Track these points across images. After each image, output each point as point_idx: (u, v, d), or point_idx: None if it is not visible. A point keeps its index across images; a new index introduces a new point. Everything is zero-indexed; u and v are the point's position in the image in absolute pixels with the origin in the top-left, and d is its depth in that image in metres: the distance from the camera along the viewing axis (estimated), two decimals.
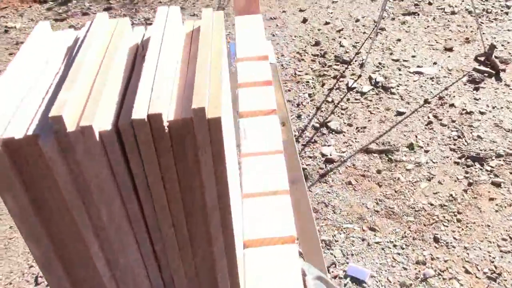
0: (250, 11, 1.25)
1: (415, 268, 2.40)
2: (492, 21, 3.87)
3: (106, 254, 0.50)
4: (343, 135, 3.08)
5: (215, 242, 0.51)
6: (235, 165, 0.63)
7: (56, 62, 0.53)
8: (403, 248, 2.51)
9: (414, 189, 2.76)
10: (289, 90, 3.44)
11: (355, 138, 3.06)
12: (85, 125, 0.42)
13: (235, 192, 0.56)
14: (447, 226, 2.59)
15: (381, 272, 2.40)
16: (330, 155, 2.95)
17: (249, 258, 0.59)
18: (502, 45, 3.64)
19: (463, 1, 4.11)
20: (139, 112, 0.42)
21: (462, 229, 2.56)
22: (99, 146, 0.43)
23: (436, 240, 2.52)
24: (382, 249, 2.49)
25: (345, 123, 3.15)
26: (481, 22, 3.84)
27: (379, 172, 2.85)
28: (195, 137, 0.43)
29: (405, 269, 2.40)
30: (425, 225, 2.60)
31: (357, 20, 4.03)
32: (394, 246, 2.51)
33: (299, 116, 3.24)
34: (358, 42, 3.80)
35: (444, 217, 2.63)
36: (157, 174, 0.45)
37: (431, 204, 2.69)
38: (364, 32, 3.89)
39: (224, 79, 0.52)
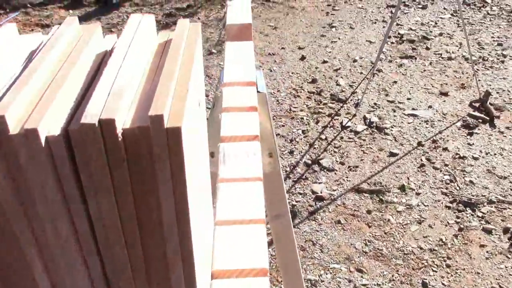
0: (242, 38, 1.23)
1: None
2: (488, 69, 3.90)
3: (51, 276, 0.46)
4: (335, 173, 3.04)
5: (173, 269, 0.46)
6: (207, 189, 0.58)
7: (16, 65, 0.50)
8: None
9: (404, 231, 2.71)
10: (283, 126, 3.42)
11: (347, 177, 3.02)
12: (30, 128, 0.38)
13: (205, 217, 0.52)
14: (436, 271, 2.52)
15: None
16: (321, 192, 2.91)
17: None
18: (497, 93, 3.65)
19: (460, 48, 4.15)
20: (90, 116, 0.38)
21: (451, 275, 2.50)
22: (45, 152, 0.39)
23: (424, 285, 2.45)
24: None
25: (337, 161, 3.12)
26: (477, 69, 3.87)
27: (369, 212, 2.81)
28: (151, 148, 0.39)
29: None
30: (413, 269, 2.54)
31: (355, 61, 4.05)
32: None
33: (291, 152, 3.21)
34: (355, 82, 3.80)
35: (433, 261, 2.57)
36: (108, 187, 0.41)
37: (421, 248, 2.64)
38: (361, 73, 3.90)
39: (196, 92, 0.49)
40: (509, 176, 2.98)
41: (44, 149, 0.39)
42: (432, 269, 2.52)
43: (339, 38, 4.38)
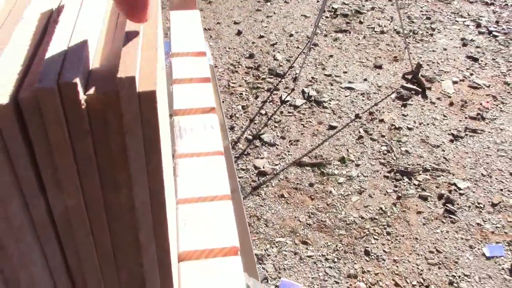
0: (186, 7, 1.16)
1: (347, 282, 2.38)
2: (418, 42, 4.00)
3: (3, 270, 0.39)
4: (276, 148, 3.04)
5: (146, 254, 0.41)
6: (169, 164, 0.53)
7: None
8: (334, 262, 2.48)
9: (346, 202, 2.76)
10: (222, 102, 3.37)
11: (288, 151, 3.02)
12: None
13: (169, 196, 0.47)
14: (377, 239, 2.59)
15: (313, 286, 2.35)
16: (263, 167, 2.90)
17: (185, 273, 0.50)
18: (428, 65, 3.75)
19: (391, 22, 4.22)
20: (47, 80, 0.32)
21: (392, 242, 2.58)
22: None
23: (366, 253, 2.51)
24: (314, 263, 2.45)
25: (278, 136, 3.11)
26: (408, 42, 3.96)
27: (311, 185, 2.83)
28: (121, 116, 0.34)
29: (337, 283, 2.37)
30: (356, 239, 2.59)
31: (291, 35, 4.04)
32: (326, 259, 2.48)
33: (232, 128, 3.17)
34: (292, 57, 3.80)
35: (374, 230, 2.63)
36: (70, 164, 0.35)
37: (362, 218, 2.70)
38: (298, 47, 3.90)
39: (160, 56, 0.43)
40: (441, 144, 3.09)
41: None
42: (373, 237, 2.58)
43: (274, 13, 4.34)
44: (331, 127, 3.22)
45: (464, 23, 4.21)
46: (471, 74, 3.61)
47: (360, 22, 4.27)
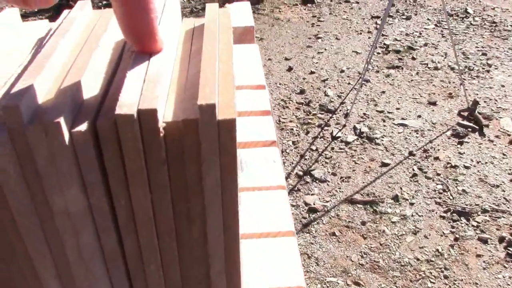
0: (245, 41, 1.17)
1: None
2: (474, 78, 3.90)
3: None
4: (327, 184, 2.99)
5: None
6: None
7: (21, 53, 0.42)
8: None
9: (400, 242, 2.66)
10: None
11: (339, 188, 2.97)
12: (51, 121, 0.31)
13: None
14: (434, 283, 2.47)
15: None
16: (314, 204, 2.85)
17: None
18: (485, 101, 3.65)
19: (445, 58, 4.16)
20: (127, 106, 0.31)
21: (450, 286, 2.45)
22: (69, 152, 0.32)
23: None
24: None
25: (329, 172, 3.07)
26: (464, 79, 3.87)
27: (363, 223, 2.75)
28: (199, 145, 0.33)
29: None
30: (411, 281, 2.49)
31: (342, 71, 4.03)
32: None
33: (282, 163, 3.15)
34: (343, 92, 3.78)
35: (430, 273, 2.52)
36: (145, 194, 0.34)
37: (417, 259, 2.59)
38: (349, 83, 3.88)
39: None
40: (501, 184, 2.96)
41: (68, 148, 0.32)
42: (430, 280, 2.47)
43: (325, 49, 4.36)
44: (384, 164, 3.15)
45: None
46: None
47: (413, 58, 4.22)
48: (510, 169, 3.03)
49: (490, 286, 2.42)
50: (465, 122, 3.44)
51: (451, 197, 2.90)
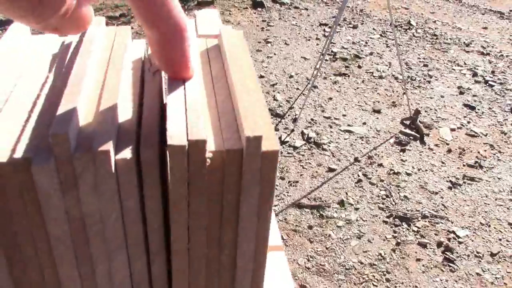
0: None
1: None
2: (416, 88, 4.07)
3: None
4: (275, 189, 3.03)
5: None
6: None
7: (40, 70, 0.41)
8: None
9: (345, 246, 2.74)
10: None
11: (287, 192, 3.01)
12: (100, 149, 0.30)
13: None
14: (376, 286, 2.56)
15: None
16: None
17: None
18: (425, 111, 3.81)
19: (389, 67, 4.30)
20: (177, 137, 0.31)
21: None
22: (113, 180, 0.32)
23: None
24: None
25: (277, 176, 3.11)
26: (406, 88, 4.02)
27: (310, 227, 2.81)
28: (239, 174, 0.33)
29: None
30: (355, 284, 2.56)
31: (291, 76, 4.09)
32: None
33: None
34: (292, 98, 3.83)
35: (374, 276, 2.61)
36: (184, 222, 0.34)
37: (361, 263, 2.67)
38: (297, 88, 3.94)
39: None
40: (439, 191, 3.10)
41: (113, 176, 0.32)
42: (372, 283, 2.56)
43: (274, 54, 4.41)
44: (330, 170, 3.23)
45: (460, 71, 4.30)
46: (468, 122, 3.67)
47: (359, 67, 4.34)
48: (448, 177, 3.18)
49: None
50: (407, 131, 3.58)
51: (393, 203, 3.01)
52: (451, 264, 2.65)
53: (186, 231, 0.35)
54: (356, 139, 3.49)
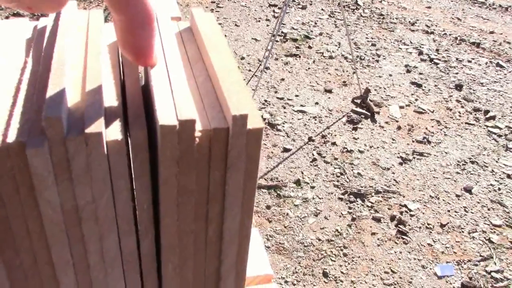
0: None
1: None
2: (365, 67, 4.16)
3: None
4: None
5: (223, 284, 0.42)
6: None
7: (17, 55, 0.41)
8: (294, 284, 2.50)
9: (303, 224, 2.80)
10: None
11: None
12: (93, 132, 0.31)
13: None
14: (334, 261, 2.64)
15: None
16: None
17: None
18: (375, 90, 3.91)
19: (339, 47, 4.37)
20: (168, 117, 0.32)
21: (349, 264, 2.64)
22: (105, 160, 0.33)
23: (325, 275, 2.55)
24: None
25: None
26: (356, 68, 4.10)
27: (268, 207, 2.86)
28: (226, 152, 0.35)
29: None
30: (314, 260, 2.63)
31: (242, 58, 4.10)
32: (286, 282, 2.50)
33: None
34: (244, 79, 3.84)
35: (331, 251, 2.68)
36: (174, 199, 0.36)
37: (319, 239, 2.74)
38: (250, 70, 3.96)
39: None
40: (391, 167, 3.21)
41: (105, 157, 0.33)
42: (331, 259, 2.63)
43: (225, 35, 4.39)
44: (286, 150, 3.27)
45: (407, 50, 4.42)
46: (416, 100, 3.79)
47: (309, 47, 4.39)
48: (398, 153, 3.29)
49: (384, 261, 2.64)
50: (359, 109, 3.66)
51: (347, 180, 3.09)
52: (404, 237, 2.76)
53: (176, 208, 0.36)
54: (309, 119, 3.54)
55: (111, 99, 0.37)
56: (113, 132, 0.33)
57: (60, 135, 0.31)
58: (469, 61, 4.35)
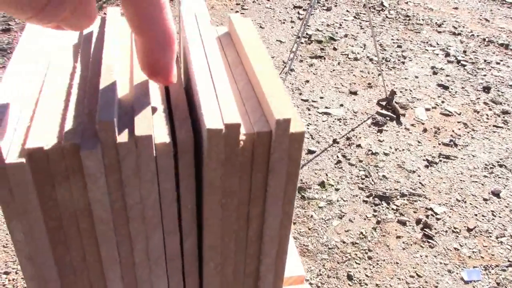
0: None
1: None
2: (391, 69, 4.13)
3: None
4: None
5: (262, 283, 0.43)
6: None
7: (66, 61, 0.43)
8: (318, 286, 2.50)
9: (327, 226, 2.80)
10: None
11: None
12: (142, 135, 0.32)
13: None
14: (359, 264, 2.63)
15: None
16: None
17: None
18: (401, 92, 3.88)
19: (364, 49, 4.35)
20: (214, 121, 0.34)
21: (373, 267, 2.62)
22: (153, 162, 0.34)
23: (349, 278, 2.54)
24: None
25: None
26: (381, 69, 4.08)
27: None
28: (268, 154, 0.36)
29: None
30: (338, 263, 2.63)
31: None
32: (310, 284, 2.50)
33: None
34: None
35: (356, 254, 2.67)
36: (218, 200, 0.37)
37: (344, 242, 2.74)
38: None
39: None
40: (417, 170, 3.18)
41: (153, 159, 0.34)
42: (355, 261, 2.62)
43: None
44: (310, 152, 3.27)
45: (433, 52, 4.37)
46: (443, 102, 3.75)
47: (334, 49, 4.38)
48: (424, 156, 3.26)
49: (409, 265, 2.62)
50: (384, 111, 3.64)
51: (372, 183, 3.08)
52: (430, 240, 2.74)
53: (219, 208, 0.38)
54: (334, 121, 3.53)
55: (157, 103, 0.38)
56: (161, 135, 0.35)
57: (112, 138, 0.33)
58: (497, 63, 4.29)
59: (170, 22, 0.37)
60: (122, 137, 0.33)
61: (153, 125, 0.35)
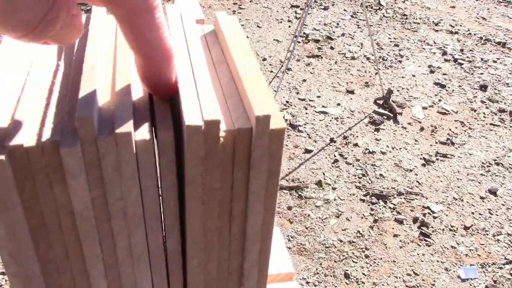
0: None
1: None
2: (388, 68, 4.14)
3: None
4: None
5: (246, 280, 0.43)
6: None
7: (49, 58, 0.43)
8: (315, 285, 2.50)
9: (324, 225, 2.80)
10: None
11: None
12: (123, 132, 0.33)
13: None
14: (356, 262, 2.64)
15: None
16: None
17: None
18: (398, 90, 3.88)
19: (361, 48, 4.36)
20: (194, 118, 0.34)
21: (370, 265, 2.62)
22: (133, 159, 0.34)
23: (346, 276, 2.55)
24: None
25: None
26: (379, 68, 4.08)
27: (289, 208, 2.86)
28: (249, 151, 0.36)
29: None
30: (335, 262, 2.63)
31: (264, 59, 4.11)
32: (307, 283, 2.50)
33: None
34: (266, 80, 3.85)
35: (353, 253, 2.68)
36: (199, 197, 0.37)
37: (341, 241, 2.74)
38: (271, 71, 3.97)
39: None
40: (414, 169, 3.18)
41: (133, 156, 0.34)
42: (352, 260, 2.63)
43: (247, 37, 4.42)
44: (307, 151, 3.27)
45: (430, 50, 4.38)
46: (440, 100, 3.76)
47: (331, 48, 4.38)
48: (421, 154, 3.26)
49: (406, 263, 2.62)
50: (381, 110, 3.65)
51: (369, 181, 3.08)
52: (427, 239, 2.74)
53: (201, 205, 0.38)
54: (331, 120, 3.54)
55: (139, 100, 0.38)
56: (142, 132, 0.35)
57: (91, 135, 0.33)
58: (494, 61, 4.30)
59: (168, 40, 0.37)
60: (102, 134, 0.34)
61: (133, 122, 0.35)
